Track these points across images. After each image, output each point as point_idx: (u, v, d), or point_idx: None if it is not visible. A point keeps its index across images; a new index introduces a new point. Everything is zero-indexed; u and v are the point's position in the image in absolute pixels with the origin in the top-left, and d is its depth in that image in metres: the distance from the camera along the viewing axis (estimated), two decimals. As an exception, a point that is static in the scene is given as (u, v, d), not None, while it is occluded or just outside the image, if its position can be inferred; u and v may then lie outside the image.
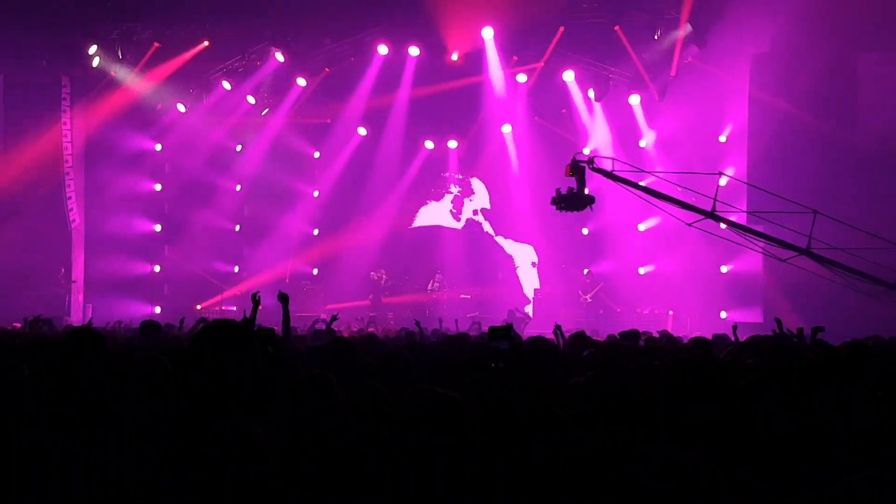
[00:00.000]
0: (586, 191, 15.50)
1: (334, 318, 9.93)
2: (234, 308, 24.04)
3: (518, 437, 3.30)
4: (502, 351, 3.40)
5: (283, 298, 7.05)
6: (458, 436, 2.61)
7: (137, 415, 4.40)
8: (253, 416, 3.13)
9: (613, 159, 15.81)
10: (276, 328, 4.69)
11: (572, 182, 15.28)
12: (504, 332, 3.44)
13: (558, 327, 10.59)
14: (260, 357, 3.37)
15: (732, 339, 10.11)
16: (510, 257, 27.09)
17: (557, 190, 15.61)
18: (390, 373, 5.63)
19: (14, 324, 16.57)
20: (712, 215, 15.69)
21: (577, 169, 15.24)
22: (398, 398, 2.72)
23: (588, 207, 15.58)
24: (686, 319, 21.37)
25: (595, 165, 15.32)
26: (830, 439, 3.31)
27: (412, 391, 2.69)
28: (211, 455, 2.78)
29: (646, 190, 16.07)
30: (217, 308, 23.23)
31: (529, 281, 26.64)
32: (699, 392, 3.42)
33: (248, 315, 6.96)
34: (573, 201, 15.33)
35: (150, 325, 9.99)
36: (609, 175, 15.63)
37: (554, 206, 15.39)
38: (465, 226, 27.62)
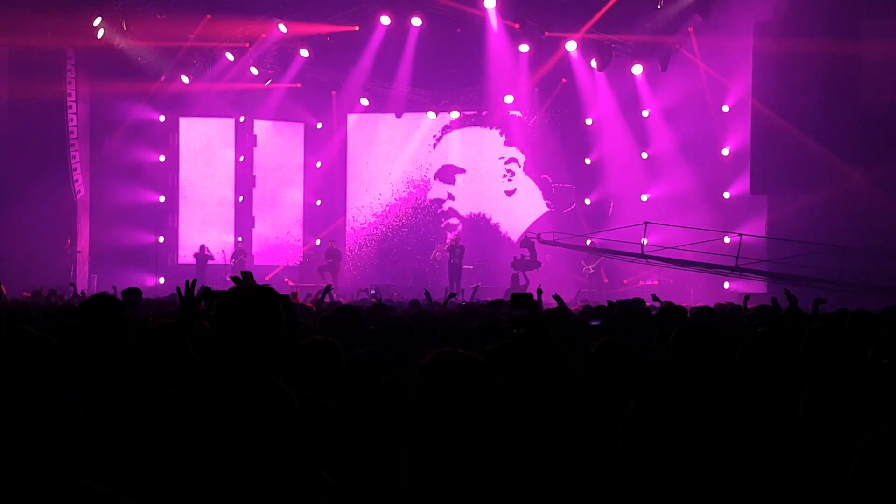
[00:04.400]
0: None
1: (328, 287, 10.14)
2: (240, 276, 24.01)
3: (546, 406, 3.32)
4: (524, 318, 3.36)
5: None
6: (484, 403, 2.44)
7: (158, 380, 4.47)
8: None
9: (554, 232, 22.35)
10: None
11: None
12: (526, 300, 3.39)
13: (556, 298, 10.53)
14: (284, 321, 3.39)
15: (742, 306, 9.94)
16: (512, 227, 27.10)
17: (515, 258, 23.38)
18: (395, 341, 5.64)
19: (24, 293, 16.67)
20: (642, 256, 20.25)
21: (529, 243, 22.78)
22: (419, 361, 2.53)
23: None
24: (689, 289, 21.39)
25: (542, 239, 22.09)
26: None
27: (435, 353, 2.54)
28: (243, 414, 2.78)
29: (589, 250, 23.30)
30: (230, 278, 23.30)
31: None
32: (711, 356, 3.47)
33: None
34: (528, 266, 22.77)
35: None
36: (553, 243, 22.09)
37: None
38: (466, 197, 27.57)
